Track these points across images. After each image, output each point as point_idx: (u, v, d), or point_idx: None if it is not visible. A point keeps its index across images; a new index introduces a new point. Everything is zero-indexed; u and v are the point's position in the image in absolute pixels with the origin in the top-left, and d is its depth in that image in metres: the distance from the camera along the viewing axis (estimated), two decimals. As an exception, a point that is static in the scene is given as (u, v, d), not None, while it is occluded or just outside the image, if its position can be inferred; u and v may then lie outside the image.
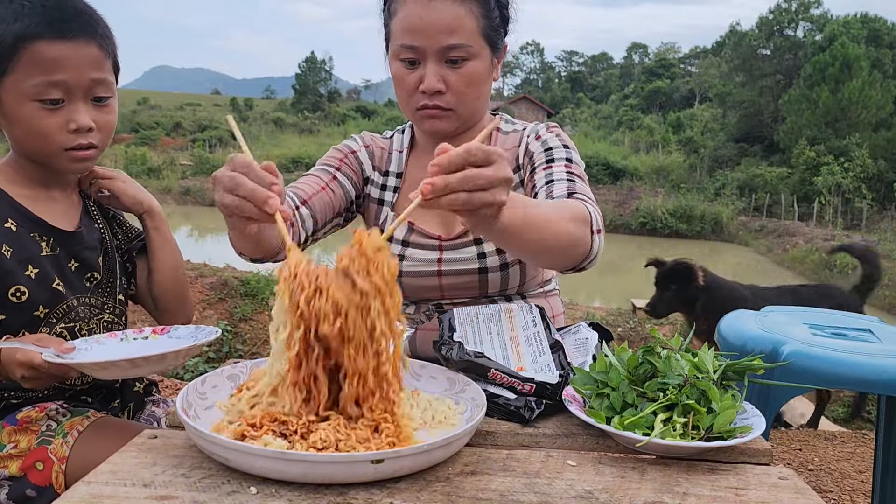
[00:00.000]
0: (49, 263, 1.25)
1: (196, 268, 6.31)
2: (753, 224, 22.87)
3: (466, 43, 1.27)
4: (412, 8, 1.26)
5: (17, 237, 1.21)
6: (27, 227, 1.23)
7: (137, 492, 0.75)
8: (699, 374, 0.94)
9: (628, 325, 6.22)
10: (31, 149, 1.22)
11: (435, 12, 1.25)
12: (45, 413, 1.22)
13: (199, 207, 23.22)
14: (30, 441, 1.18)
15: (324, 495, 0.75)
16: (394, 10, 1.31)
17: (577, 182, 1.26)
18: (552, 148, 1.35)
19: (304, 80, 58.62)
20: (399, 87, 1.35)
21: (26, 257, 1.21)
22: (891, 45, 31.48)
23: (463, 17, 1.26)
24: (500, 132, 1.46)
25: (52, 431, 1.18)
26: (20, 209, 1.23)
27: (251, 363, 1.03)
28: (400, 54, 1.30)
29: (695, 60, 67.71)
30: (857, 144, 23.71)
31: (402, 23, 1.28)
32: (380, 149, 1.50)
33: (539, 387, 1.00)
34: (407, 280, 1.39)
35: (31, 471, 1.15)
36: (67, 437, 1.17)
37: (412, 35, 1.27)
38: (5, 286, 1.18)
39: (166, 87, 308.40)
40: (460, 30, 1.26)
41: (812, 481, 2.95)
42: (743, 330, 2.03)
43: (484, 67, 1.32)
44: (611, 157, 29.87)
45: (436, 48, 1.27)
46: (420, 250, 1.40)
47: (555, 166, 1.31)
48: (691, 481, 0.83)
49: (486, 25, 1.29)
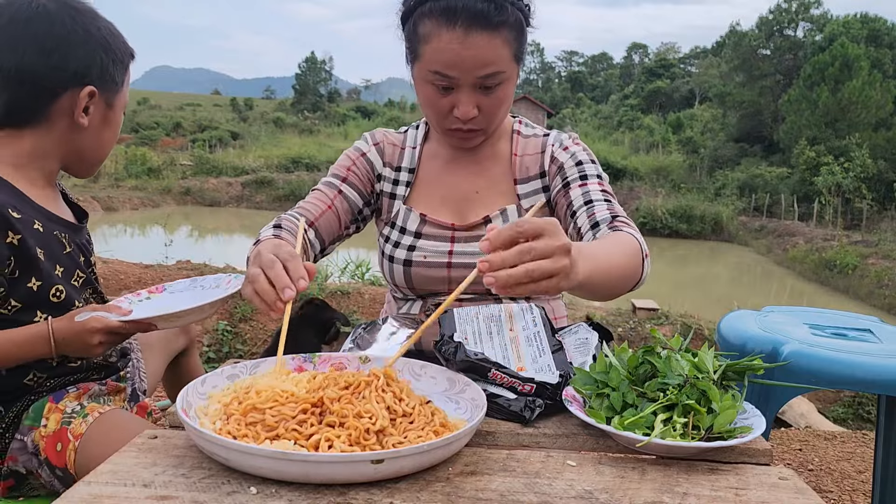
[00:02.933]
0: (69, 260, 1.29)
1: (196, 268, 6.31)
2: (753, 224, 22.87)
3: (501, 69, 1.27)
4: (448, 42, 1.23)
5: (45, 238, 1.23)
6: (49, 226, 1.25)
7: (137, 492, 0.75)
8: (699, 374, 0.94)
9: (628, 325, 6.22)
10: (108, 151, 1.35)
11: (473, 48, 1.23)
12: (87, 393, 1.31)
13: (199, 207, 23.22)
14: (57, 421, 1.24)
15: (324, 495, 0.75)
16: (423, 34, 1.27)
17: (614, 203, 1.33)
18: (583, 163, 1.39)
19: (304, 80, 58.64)
20: (429, 108, 1.34)
21: (55, 257, 1.25)
22: (891, 45, 31.46)
23: (499, 47, 1.25)
24: (521, 136, 1.47)
25: (74, 413, 1.25)
26: (40, 209, 1.25)
27: (251, 363, 1.03)
28: (432, 80, 1.29)
29: (695, 60, 67.73)
30: (857, 144, 23.69)
31: (436, 53, 1.25)
32: (391, 145, 1.51)
33: (539, 387, 1.00)
34: (416, 270, 1.40)
35: (51, 451, 1.22)
36: (88, 416, 1.23)
37: (448, 67, 1.26)
38: (47, 288, 1.23)
39: (166, 87, 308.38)
40: (496, 60, 1.26)
41: (812, 481, 2.95)
42: (743, 330, 2.03)
43: (513, 84, 1.34)
44: (611, 157, 29.84)
45: (471, 80, 1.27)
46: (432, 241, 1.42)
47: (590, 184, 1.35)
48: (691, 481, 0.83)
49: (517, 48, 1.29)
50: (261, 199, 24.55)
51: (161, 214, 16.54)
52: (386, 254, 1.44)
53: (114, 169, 24.61)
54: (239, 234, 19.63)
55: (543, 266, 0.83)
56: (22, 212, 1.19)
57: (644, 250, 1.20)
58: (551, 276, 0.84)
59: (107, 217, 18.94)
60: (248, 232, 19.93)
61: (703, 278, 16.88)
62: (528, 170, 1.43)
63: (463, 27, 1.22)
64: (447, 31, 1.23)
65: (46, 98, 1.22)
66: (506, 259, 0.82)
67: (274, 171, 26.74)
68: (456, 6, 1.21)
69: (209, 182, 24.89)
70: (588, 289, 1.01)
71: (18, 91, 1.20)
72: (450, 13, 1.22)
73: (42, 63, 1.19)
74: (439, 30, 1.24)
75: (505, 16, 1.23)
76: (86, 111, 1.25)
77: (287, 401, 0.86)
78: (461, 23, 1.21)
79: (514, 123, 1.50)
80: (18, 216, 1.17)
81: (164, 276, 5.79)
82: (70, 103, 1.24)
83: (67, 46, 1.20)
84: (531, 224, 0.84)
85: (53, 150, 1.27)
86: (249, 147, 32.21)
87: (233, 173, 26.21)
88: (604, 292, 1.11)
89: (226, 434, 0.81)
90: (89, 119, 1.26)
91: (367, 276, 6.64)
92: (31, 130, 1.24)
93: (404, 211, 1.45)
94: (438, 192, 1.46)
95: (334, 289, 5.66)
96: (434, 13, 1.24)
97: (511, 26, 1.25)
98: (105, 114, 1.29)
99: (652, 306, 6.61)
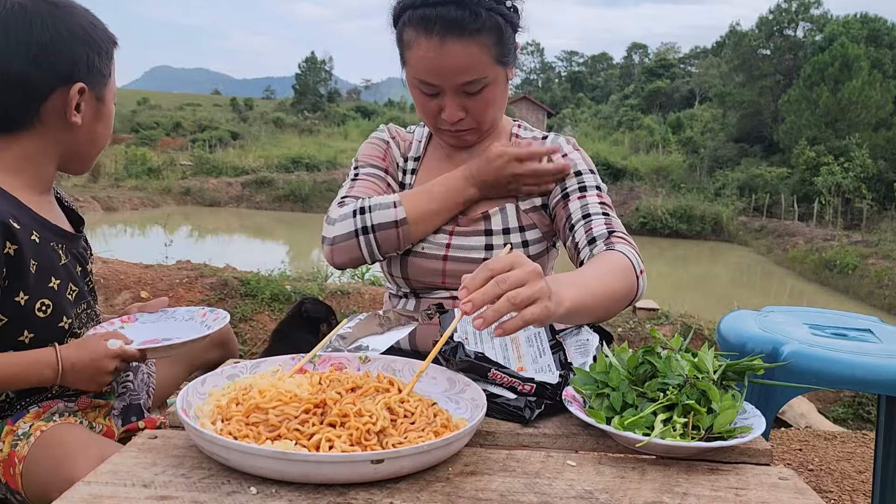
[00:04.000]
0: (65, 271, 1.24)
1: (196, 268, 6.30)
2: (753, 224, 22.86)
3: (482, 75, 1.28)
4: (426, 51, 1.26)
5: (41, 249, 1.19)
6: (46, 237, 1.21)
7: (137, 492, 0.75)
8: (699, 374, 0.94)
9: (628, 325, 6.22)
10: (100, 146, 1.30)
11: (450, 56, 1.25)
12: (49, 411, 1.24)
13: (199, 207, 23.21)
14: (10, 443, 1.17)
15: (324, 495, 0.75)
16: (406, 41, 1.30)
17: (611, 217, 1.34)
18: (582, 173, 1.40)
19: (304, 80, 58.58)
20: (420, 111, 1.38)
21: (51, 269, 1.20)
22: (891, 45, 31.43)
23: (476, 54, 1.26)
24: (519, 139, 1.48)
25: (24, 434, 1.17)
26: (38, 218, 1.21)
27: (251, 363, 1.03)
28: (418, 85, 1.32)
29: (695, 61, 67.68)
30: (857, 144, 23.67)
31: (417, 61, 1.28)
32: (403, 140, 1.55)
33: (539, 387, 1.00)
34: (413, 260, 1.41)
35: (7, 476, 1.16)
36: (31, 437, 1.16)
37: (429, 75, 1.28)
38: (33, 301, 1.17)
39: (166, 87, 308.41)
40: (475, 66, 1.27)
41: (812, 481, 2.95)
42: (743, 330, 2.03)
43: (500, 87, 1.34)
44: (611, 158, 29.82)
45: (452, 85, 1.29)
46: (431, 234, 1.43)
47: (588, 196, 1.37)
48: (691, 481, 0.83)
49: (498, 52, 1.29)
50: (261, 199, 24.55)
51: (161, 214, 16.52)
52: None
53: (114, 169, 24.60)
54: (239, 234, 19.64)
55: (522, 293, 0.87)
56: (21, 222, 1.15)
57: (637, 268, 1.21)
58: (532, 302, 0.88)
59: (107, 217, 18.94)
60: (247, 232, 19.95)
61: (703, 278, 16.88)
62: None
63: (439, 35, 1.24)
64: (425, 39, 1.25)
65: (36, 102, 1.19)
66: (486, 293, 0.86)
67: (274, 171, 26.72)
68: (431, 15, 1.23)
69: (209, 182, 24.88)
70: (578, 315, 1.05)
71: (7, 97, 1.17)
72: (426, 22, 1.24)
73: (28, 68, 1.15)
74: (418, 38, 1.26)
75: (480, 22, 1.24)
76: (77, 109, 1.22)
77: (291, 400, 0.87)
78: (437, 31, 1.24)
79: (513, 126, 1.52)
80: (18, 226, 1.14)
81: (164, 276, 5.78)
82: (61, 103, 1.20)
83: (51, 47, 1.17)
84: (499, 261, 0.89)
85: (49, 152, 1.24)
86: (249, 147, 32.17)
87: (233, 173, 26.19)
88: (596, 315, 1.13)
89: (226, 434, 0.81)
90: (82, 116, 1.23)
91: (367, 276, 6.64)
92: (26, 134, 1.20)
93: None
94: None
95: (334, 289, 5.66)
96: (413, 21, 1.26)
97: (489, 31, 1.26)
98: (97, 108, 1.26)
99: (652, 306, 6.61)
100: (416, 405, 0.89)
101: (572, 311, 0.99)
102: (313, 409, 0.86)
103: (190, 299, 5.69)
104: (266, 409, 0.85)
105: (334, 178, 26.02)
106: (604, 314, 1.15)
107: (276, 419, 0.84)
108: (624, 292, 1.17)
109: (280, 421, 0.84)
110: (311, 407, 0.86)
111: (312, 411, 0.86)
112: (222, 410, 0.87)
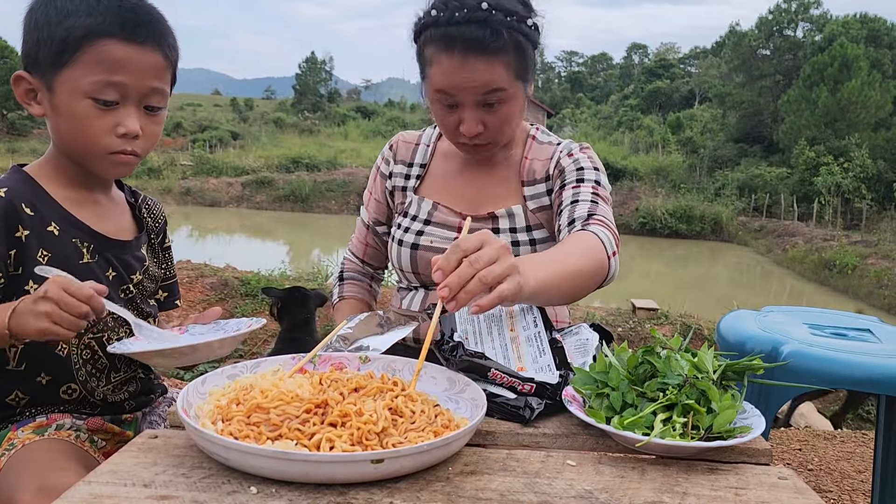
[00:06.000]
0: (85, 271, 1.20)
1: (196, 268, 6.30)
2: (753, 224, 22.88)
3: (501, 87, 1.30)
4: (447, 66, 1.28)
5: (59, 242, 1.17)
6: (69, 231, 1.19)
7: (137, 492, 0.75)
8: (699, 374, 0.94)
9: (628, 325, 6.22)
10: (73, 145, 1.19)
11: (471, 73, 1.27)
12: (52, 424, 1.19)
13: (200, 207, 23.21)
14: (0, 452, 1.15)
15: (324, 495, 0.75)
16: (427, 57, 1.32)
17: (599, 204, 1.34)
18: (584, 168, 1.42)
19: (305, 80, 58.57)
20: (440, 124, 1.41)
21: (63, 264, 1.15)
22: (890, 45, 31.45)
23: (497, 71, 1.28)
24: (536, 141, 1.51)
25: (11, 446, 1.14)
26: (63, 213, 1.20)
27: (251, 363, 1.03)
28: (438, 98, 1.34)
29: (694, 61, 67.65)
30: (856, 144, 23.68)
31: (438, 76, 1.30)
32: (406, 143, 1.59)
33: (539, 387, 1.00)
34: (422, 254, 1.45)
35: None
36: (12, 450, 1.13)
37: (450, 88, 1.30)
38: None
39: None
40: (496, 81, 1.29)
41: (812, 481, 2.95)
42: (742, 330, 2.03)
43: (518, 103, 1.36)
44: (611, 158, 29.79)
45: (473, 98, 1.30)
46: (440, 228, 1.47)
47: (583, 186, 1.38)
48: (691, 481, 0.83)
49: (518, 68, 1.31)
50: (261, 200, 24.55)
51: (161, 214, 16.46)
52: (396, 238, 1.50)
53: (114, 169, 24.55)
54: (239, 234, 19.63)
55: (494, 270, 0.89)
56: (38, 210, 1.14)
57: (609, 249, 1.22)
58: (503, 279, 0.89)
59: (107, 217, 18.88)
60: (248, 232, 19.94)
61: (702, 278, 16.89)
62: (534, 173, 1.47)
63: (460, 54, 1.25)
64: (447, 57, 1.27)
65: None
66: (461, 275, 0.88)
67: (274, 171, 26.72)
68: (453, 34, 1.25)
69: (209, 182, 24.88)
70: (546, 294, 1.05)
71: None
72: (448, 40, 1.26)
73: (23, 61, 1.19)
74: (440, 55, 1.28)
75: (501, 41, 1.25)
76: (35, 98, 1.19)
77: (292, 400, 0.87)
78: (458, 50, 1.25)
79: (530, 130, 1.54)
80: (32, 213, 1.13)
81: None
82: (21, 93, 1.20)
83: (25, 35, 1.18)
84: (468, 240, 0.90)
85: (51, 147, 1.23)
86: (250, 147, 32.16)
87: (233, 173, 26.19)
88: (564, 292, 1.13)
89: (227, 434, 0.81)
90: (43, 108, 1.19)
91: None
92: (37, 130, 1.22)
93: (417, 200, 1.51)
94: (448, 187, 1.51)
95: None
96: (434, 39, 1.28)
97: (510, 50, 1.27)
98: (49, 99, 1.18)
99: (652, 306, 6.62)
100: (422, 406, 0.90)
101: (538, 291, 1.00)
102: (314, 409, 0.86)
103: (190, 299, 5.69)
104: (268, 408, 0.85)
105: (334, 178, 26.03)
106: (572, 291, 1.15)
107: (278, 419, 0.84)
108: (592, 271, 1.17)
109: (281, 421, 0.84)
110: (312, 407, 0.86)
111: (314, 411, 0.86)
112: (223, 410, 0.87)
